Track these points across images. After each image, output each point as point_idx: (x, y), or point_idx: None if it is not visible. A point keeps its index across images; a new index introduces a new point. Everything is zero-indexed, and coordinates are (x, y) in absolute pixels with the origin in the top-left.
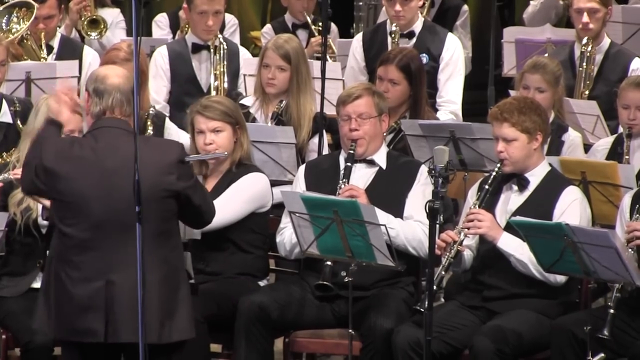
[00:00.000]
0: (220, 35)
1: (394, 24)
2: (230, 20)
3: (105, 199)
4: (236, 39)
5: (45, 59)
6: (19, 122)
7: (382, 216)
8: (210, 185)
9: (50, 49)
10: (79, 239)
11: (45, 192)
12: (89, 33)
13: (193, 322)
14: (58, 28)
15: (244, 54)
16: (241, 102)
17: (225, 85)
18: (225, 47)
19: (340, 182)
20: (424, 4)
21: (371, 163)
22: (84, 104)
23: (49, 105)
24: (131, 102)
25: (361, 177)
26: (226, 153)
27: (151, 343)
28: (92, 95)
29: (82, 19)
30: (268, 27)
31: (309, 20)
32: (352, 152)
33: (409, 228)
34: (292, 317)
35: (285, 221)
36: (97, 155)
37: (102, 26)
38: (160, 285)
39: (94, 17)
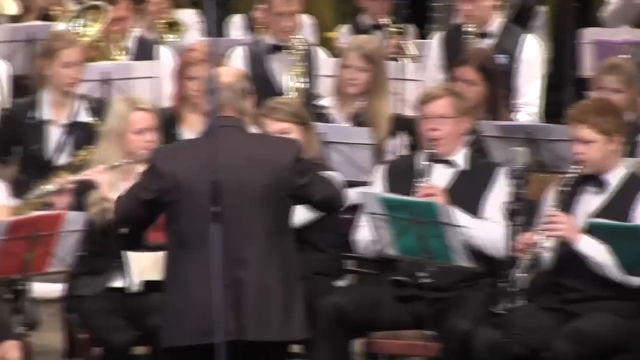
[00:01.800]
0: (297, 36)
1: (469, 25)
2: (307, 20)
3: (227, 196)
4: (312, 39)
5: (121, 60)
6: (95, 120)
7: (461, 216)
8: None
9: (125, 50)
10: (195, 238)
11: (158, 200)
12: (166, 36)
13: (307, 321)
14: (134, 29)
15: (321, 54)
16: (319, 102)
17: (302, 86)
18: (302, 47)
19: (419, 180)
20: (500, 5)
21: (450, 164)
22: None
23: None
24: (241, 99)
25: (440, 177)
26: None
27: (272, 341)
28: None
29: (159, 21)
30: (345, 28)
31: (386, 22)
32: (431, 151)
33: (488, 228)
34: (370, 318)
35: (363, 219)
36: (211, 153)
37: (180, 29)
38: (280, 283)
39: (172, 19)
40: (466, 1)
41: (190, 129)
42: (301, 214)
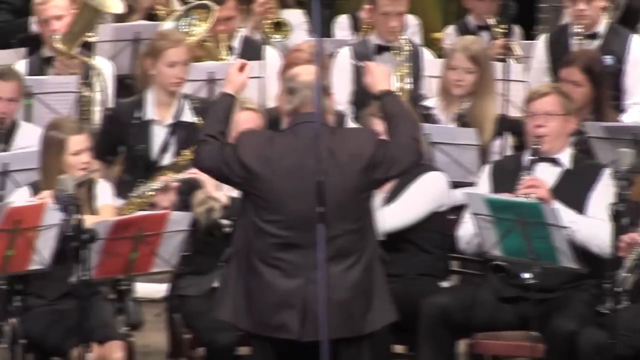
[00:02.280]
0: (403, 36)
1: (578, 26)
2: (412, 21)
3: (304, 196)
4: (418, 40)
5: (227, 60)
6: (200, 120)
7: (565, 212)
8: (387, 186)
9: (231, 49)
10: (279, 236)
11: (237, 183)
12: (273, 36)
13: (393, 305)
14: (240, 29)
15: (427, 55)
16: (424, 103)
17: (408, 86)
18: (408, 48)
19: (523, 174)
20: (607, 6)
21: (555, 162)
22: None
23: (228, 73)
24: (322, 97)
25: (544, 175)
26: None
27: (353, 336)
28: (287, 94)
29: (266, 21)
30: (451, 29)
31: (492, 22)
32: (536, 148)
33: (592, 225)
34: (474, 319)
35: (467, 216)
36: (296, 150)
37: (286, 29)
38: (360, 279)
39: (279, 20)
40: (580, 1)
41: None
42: (405, 216)
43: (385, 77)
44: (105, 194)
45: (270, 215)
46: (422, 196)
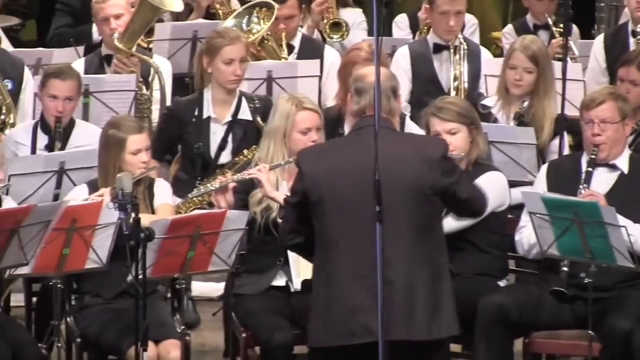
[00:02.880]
0: (460, 36)
1: (637, 25)
2: (470, 20)
3: (366, 196)
4: (476, 39)
5: (286, 59)
6: (258, 118)
7: (622, 222)
8: None
9: (291, 48)
10: (347, 239)
11: (305, 201)
12: (331, 35)
13: (457, 318)
14: (300, 28)
15: (485, 54)
16: (482, 102)
17: (466, 85)
18: (466, 47)
19: (581, 187)
20: None
21: (613, 167)
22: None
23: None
24: (390, 99)
25: (602, 181)
26: (462, 154)
27: (420, 340)
28: (353, 94)
29: (325, 20)
30: (509, 28)
31: (550, 22)
32: (594, 156)
33: None
34: (531, 318)
35: (525, 220)
36: (361, 153)
37: (344, 29)
38: (427, 282)
39: (337, 19)
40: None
41: None
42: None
43: None
44: (163, 192)
45: (336, 218)
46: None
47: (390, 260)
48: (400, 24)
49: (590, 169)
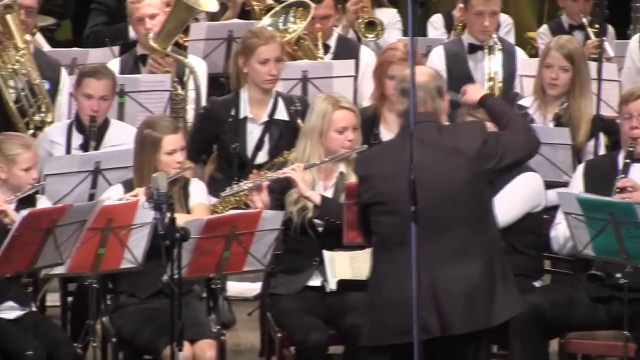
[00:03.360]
0: (495, 35)
1: None
2: (505, 20)
3: (420, 194)
4: (511, 39)
5: (322, 59)
6: (299, 121)
7: None
8: None
9: (327, 48)
10: (399, 237)
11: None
12: (365, 35)
13: (517, 297)
14: (335, 28)
15: (520, 54)
16: (519, 102)
17: (501, 85)
18: (501, 47)
19: (618, 177)
20: None
21: None
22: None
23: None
24: (435, 99)
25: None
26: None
27: (478, 330)
28: (399, 95)
29: (359, 20)
30: (544, 28)
31: (586, 22)
32: (631, 149)
33: None
34: (566, 318)
35: (560, 217)
36: (408, 153)
37: (379, 28)
38: (481, 273)
39: (371, 19)
40: None
41: (390, 128)
42: (501, 218)
43: (478, 87)
44: (198, 193)
45: (388, 217)
46: (518, 197)
47: (441, 256)
48: (436, 24)
49: (628, 160)
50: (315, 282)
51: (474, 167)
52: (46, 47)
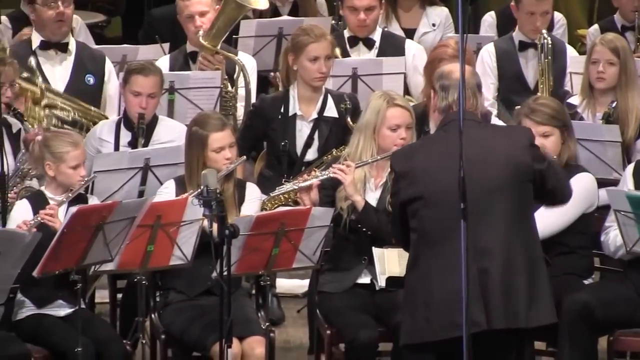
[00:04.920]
0: (544, 32)
1: None
2: (560, 20)
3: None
4: (564, 38)
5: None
6: (349, 119)
7: None
8: None
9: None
10: (442, 231)
11: (407, 200)
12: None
13: (554, 306)
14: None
15: (571, 52)
16: (568, 100)
17: (552, 83)
18: (551, 44)
19: None
20: None
21: None
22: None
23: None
24: (476, 95)
25: None
26: (554, 157)
27: (519, 328)
28: (439, 91)
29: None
30: (595, 28)
31: (637, 21)
32: None
33: None
34: (615, 316)
35: (611, 220)
36: (450, 148)
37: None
38: (524, 270)
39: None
40: None
41: None
42: (559, 221)
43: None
44: (250, 203)
45: (431, 212)
46: (575, 199)
47: (488, 250)
48: (487, 22)
49: None
50: (365, 279)
51: (523, 163)
52: (93, 45)
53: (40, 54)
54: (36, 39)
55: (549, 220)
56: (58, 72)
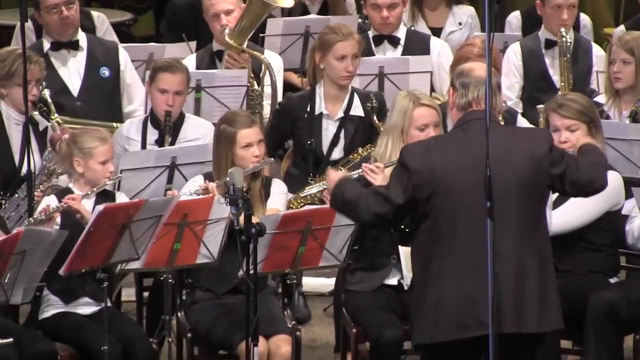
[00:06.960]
0: (562, 30)
1: None
2: (586, 25)
3: (478, 190)
4: (590, 36)
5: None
6: (375, 118)
7: None
8: None
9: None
10: (454, 232)
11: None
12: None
13: (562, 313)
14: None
15: (597, 50)
16: (595, 99)
17: (571, 81)
18: (575, 43)
19: None
20: None
21: None
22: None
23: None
24: (496, 94)
25: None
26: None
27: (529, 333)
28: (458, 88)
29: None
30: (621, 28)
31: None
32: None
33: None
34: None
35: (636, 210)
36: (469, 147)
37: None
38: (536, 273)
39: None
40: None
41: None
42: (580, 218)
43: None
44: (276, 197)
45: (445, 212)
46: (600, 196)
47: (501, 253)
48: (512, 21)
49: None
50: (392, 280)
51: (541, 168)
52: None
53: (52, 54)
54: (46, 42)
55: (570, 215)
56: (72, 70)
